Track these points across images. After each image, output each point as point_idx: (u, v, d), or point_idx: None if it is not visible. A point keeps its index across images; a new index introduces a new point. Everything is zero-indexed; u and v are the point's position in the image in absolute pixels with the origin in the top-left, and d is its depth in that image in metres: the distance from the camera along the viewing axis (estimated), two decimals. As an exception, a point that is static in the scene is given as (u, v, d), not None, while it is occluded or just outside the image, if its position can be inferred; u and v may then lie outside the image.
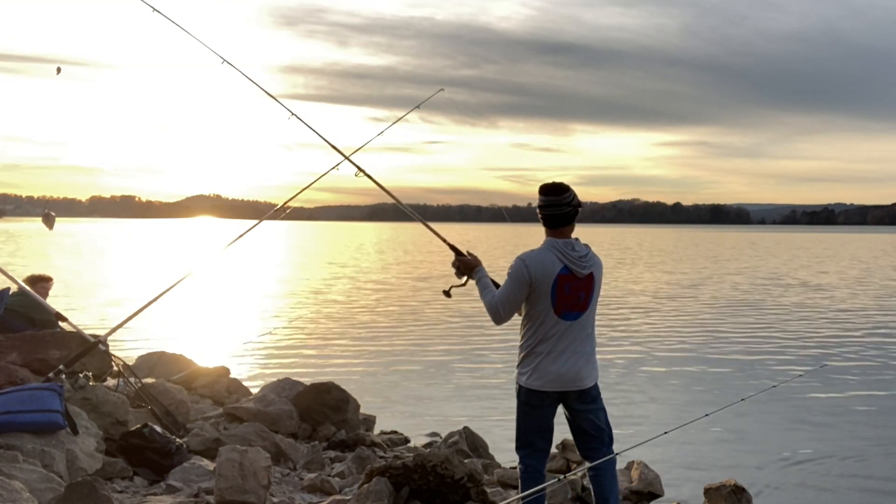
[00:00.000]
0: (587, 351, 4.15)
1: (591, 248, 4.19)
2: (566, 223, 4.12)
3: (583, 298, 4.09)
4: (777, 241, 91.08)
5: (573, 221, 4.14)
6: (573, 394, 4.13)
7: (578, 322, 4.10)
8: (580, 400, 4.15)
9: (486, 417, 8.91)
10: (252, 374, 11.07)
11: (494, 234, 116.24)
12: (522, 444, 4.22)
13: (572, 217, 4.12)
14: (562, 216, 4.10)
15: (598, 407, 4.23)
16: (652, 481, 6.04)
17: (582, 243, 4.16)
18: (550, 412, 4.18)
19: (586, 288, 4.09)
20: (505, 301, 4.11)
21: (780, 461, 7.54)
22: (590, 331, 4.17)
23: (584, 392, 4.15)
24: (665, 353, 13.39)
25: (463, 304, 21.28)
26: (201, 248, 55.82)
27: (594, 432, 4.20)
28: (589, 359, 4.16)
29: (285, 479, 5.68)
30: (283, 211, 6.61)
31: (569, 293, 4.06)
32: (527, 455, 4.21)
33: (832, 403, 9.81)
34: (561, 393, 4.12)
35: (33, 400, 4.82)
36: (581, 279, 4.06)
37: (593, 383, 4.18)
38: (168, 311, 15.55)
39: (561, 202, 4.09)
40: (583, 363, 4.11)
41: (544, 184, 4.16)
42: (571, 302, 4.07)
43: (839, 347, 14.16)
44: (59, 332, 6.68)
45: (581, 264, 4.06)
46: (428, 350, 13.71)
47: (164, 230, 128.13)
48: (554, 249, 4.07)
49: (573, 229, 4.18)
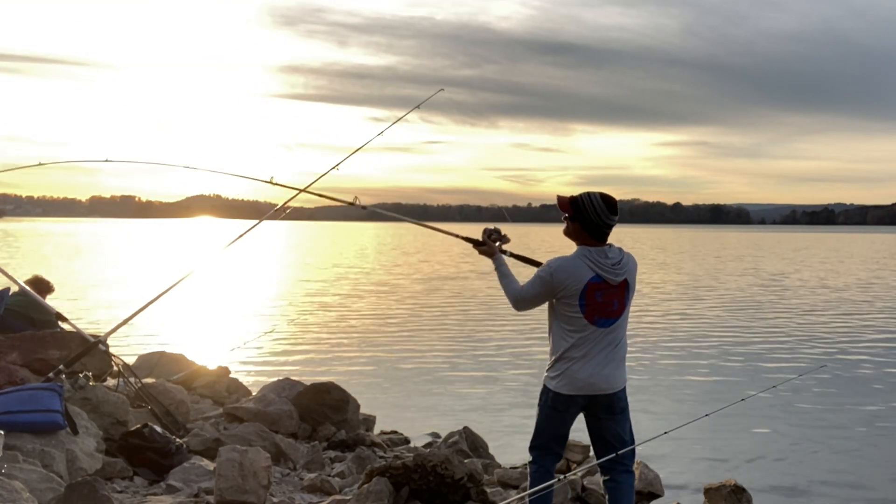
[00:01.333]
0: (619, 356, 4.08)
1: (624, 250, 4.12)
2: (606, 237, 4.09)
3: (616, 306, 4.02)
4: (777, 241, 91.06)
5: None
6: (602, 400, 4.06)
7: (612, 328, 4.03)
8: (608, 409, 4.09)
9: (486, 417, 8.92)
10: (252, 374, 11.07)
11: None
12: (538, 445, 4.19)
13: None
14: (607, 232, 4.08)
15: (625, 418, 4.16)
16: (652, 481, 6.04)
17: (616, 248, 4.08)
18: (572, 418, 4.16)
19: (619, 295, 4.02)
20: (525, 299, 4.15)
21: (780, 461, 7.54)
22: (622, 335, 4.09)
23: (612, 400, 4.07)
24: (665, 352, 13.39)
25: (463, 304, 21.28)
26: (201, 248, 55.81)
27: (616, 443, 4.10)
28: (619, 364, 4.08)
29: (285, 479, 5.67)
30: (283, 211, 6.61)
31: (602, 300, 4.00)
32: (540, 456, 4.19)
33: (832, 403, 9.80)
34: (589, 398, 4.06)
35: (33, 400, 4.82)
36: (614, 286, 4.01)
37: (622, 387, 4.11)
38: (168, 311, 15.55)
39: (614, 221, 4.07)
40: (612, 368, 4.04)
41: (610, 198, 4.07)
42: (606, 309, 4.01)
43: (840, 347, 14.16)
44: (59, 332, 6.68)
45: (614, 272, 4.00)
46: (428, 350, 13.71)
47: (164, 230, 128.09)
48: (585, 258, 4.00)
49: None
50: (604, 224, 4.00)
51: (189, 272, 6.49)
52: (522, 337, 15.19)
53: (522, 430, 8.40)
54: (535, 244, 72.72)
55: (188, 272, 6.48)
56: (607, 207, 4.01)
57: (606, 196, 4.05)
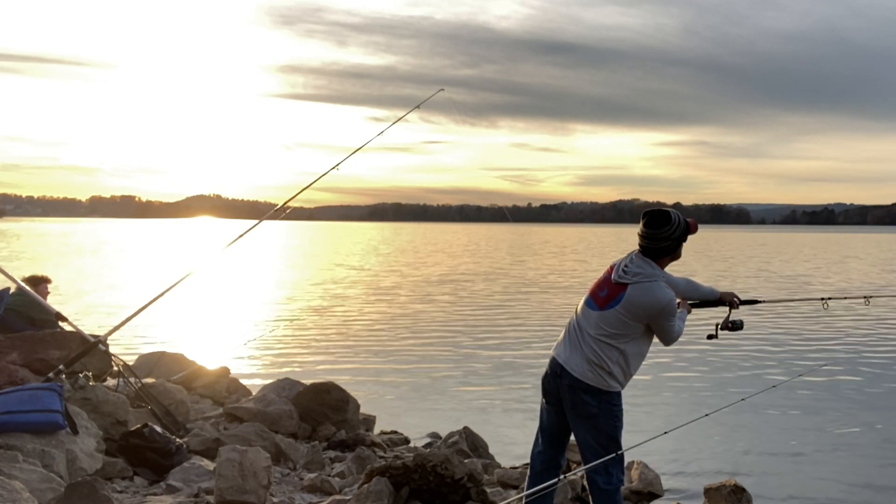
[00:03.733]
0: (586, 350, 3.97)
1: (659, 284, 3.96)
2: (654, 257, 4.00)
3: (605, 294, 4.02)
4: (778, 240, 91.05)
5: (667, 255, 4.02)
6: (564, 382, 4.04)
7: (597, 315, 4.00)
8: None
9: (486, 417, 8.91)
10: (252, 374, 11.06)
11: (495, 234, 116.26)
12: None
13: (666, 251, 4.00)
14: (652, 250, 3.99)
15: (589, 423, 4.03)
16: (652, 481, 6.05)
17: (650, 267, 3.97)
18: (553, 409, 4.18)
19: (610, 288, 4.01)
20: None
21: (780, 461, 7.54)
22: (607, 336, 3.95)
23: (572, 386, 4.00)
24: (665, 352, 13.38)
25: (463, 304, 21.28)
26: (201, 248, 55.81)
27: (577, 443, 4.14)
28: (576, 352, 4.00)
29: (285, 479, 5.68)
30: (283, 211, 6.62)
31: (600, 283, 4.09)
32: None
33: (832, 403, 9.80)
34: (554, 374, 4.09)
35: (33, 400, 4.82)
36: (612, 283, 4.02)
37: (579, 377, 3.96)
38: (168, 311, 15.55)
39: (658, 236, 3.97)
40: (577, 356, 3.99)
41: (649, 210, 4.04)
42: (598, 292, 4.07)
43: (840, 347, 14.15)
44: (59, 332, 6.68)
45: (619, 272, 4.01)
46: (428, 350, 13.71)
47: (164, 230, 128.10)
48: (627, 256, 4.08)
49: (669, 261, 4.06)
50: (644, 239, 4.01)
51: (189, 272, 6.49)
52: (522, 337, 15.20)
53: (522, 431, 8.41)
54: (536, 244, 72.73)
55: (188, 272, 6.48)
56: (642, 217, 4.05)
57: (652, 210, 4.07)
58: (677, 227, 3.98)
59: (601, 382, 3.97)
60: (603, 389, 3.97)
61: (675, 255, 4.09)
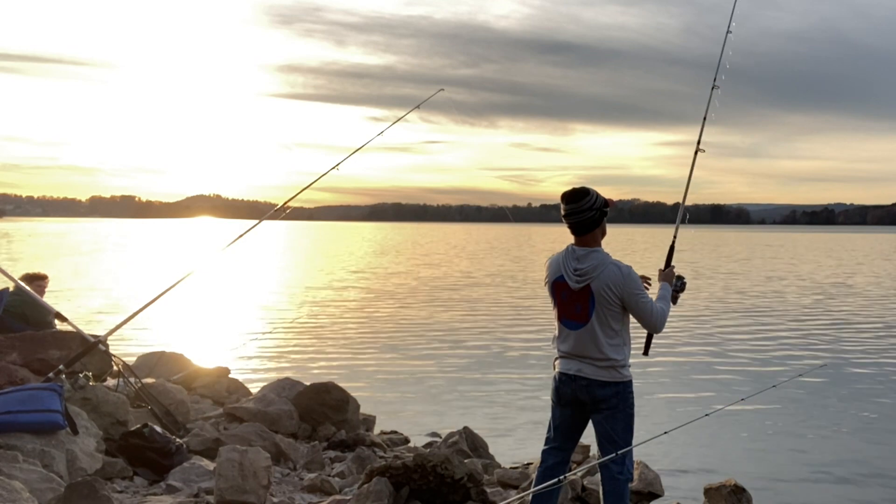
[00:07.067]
0: (593, 358, 3.97)
1: (611, 260, 3.96)
2: (585, 230, 3.99)
3: (580, 310, 3.95)
4: (778, 240, 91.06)
5: (597, 226, 4.00)
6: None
7: (581, 332, 3.97)
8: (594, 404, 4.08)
9: (486, 417, 8.91)
10: (252, 374, 11.07)
11: (495, 234, 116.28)
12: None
13: (595, 221, 3.98)
14: (581, 223, 3.98)
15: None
16: (652, 481, 6.04)
17: (597, 254, 3.96)
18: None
19: (583, 300, 3.94)
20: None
21: (780, 461, 7.54)
22: (602, 338, 3.95)
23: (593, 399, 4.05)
24: (665, 352, 13.38)
25: (462, 304, 21.28)
26: (201, 248, 55.81)
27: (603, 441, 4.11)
28: (593, 364, 4.00)
29: (285, 479, 5.68)
30: (283, 211, 6.62)
31: (566, 300, 4.00)
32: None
33: (833, 403, 9.80)
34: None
35: (33, 400, 4.82)
36: (575, 291, 3.95)
37: (594, 377, 3.98)
38: (168, 311, 15.55)
39: (581, 209, 3.96)
40: (588, 365, 4.00)
41: (565, 191, 4.04)
42: (570, 311, 4.00)
43: (840, 347, 14.15)
44: (59, 332, 6.69)
45: (573, 277, 3.94)
46: (428, 350, 13.71)
47: (164, 230, 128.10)
48: (562, 255, 4.05)
49: (600, 234, 4.04)
50: (569, 217, 3.98)
51: (189, 272, 6.49)
52: (522, 337, 15.20)
53: (522, 430, 8.41)
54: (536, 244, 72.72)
55: (188, 272, 6.48)
56: (561, 199, 4.01)
57: (567, 190, 4.03)
58: (595, 198, 4.00)
59: (616, 376, 4.04)
60: (619, 381, 4.05)
61: (603, 229, 4.07)
